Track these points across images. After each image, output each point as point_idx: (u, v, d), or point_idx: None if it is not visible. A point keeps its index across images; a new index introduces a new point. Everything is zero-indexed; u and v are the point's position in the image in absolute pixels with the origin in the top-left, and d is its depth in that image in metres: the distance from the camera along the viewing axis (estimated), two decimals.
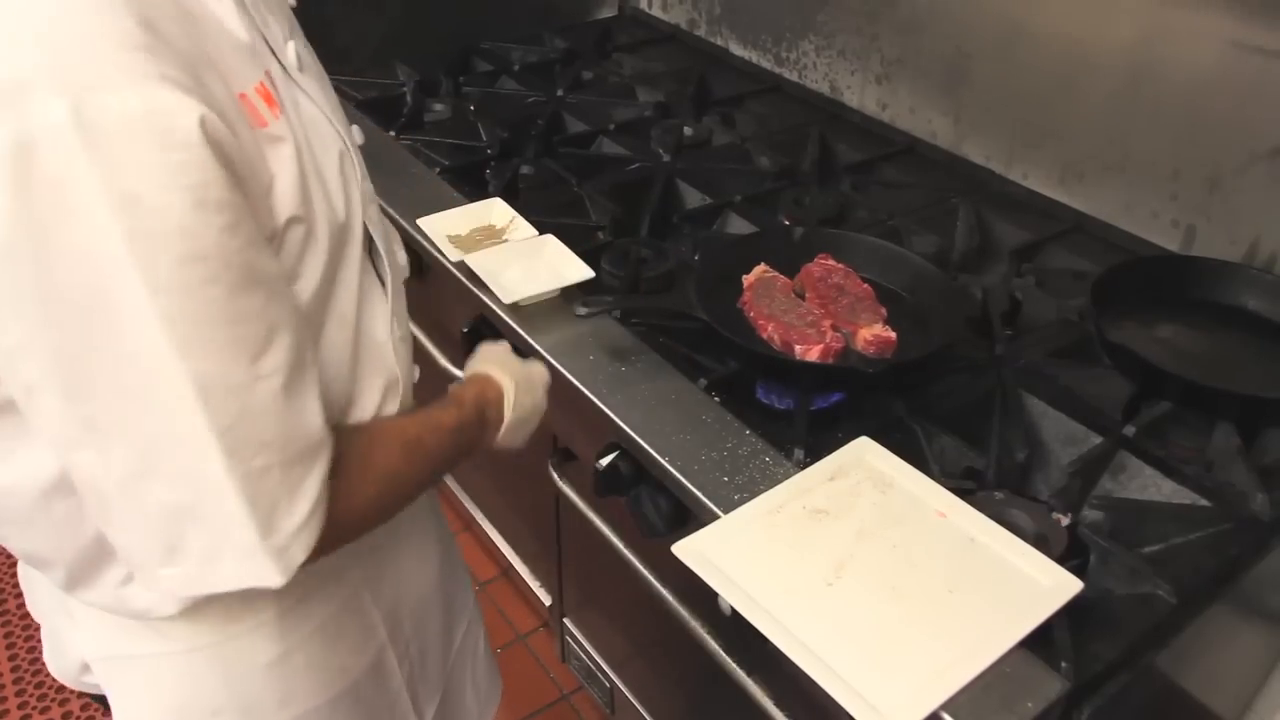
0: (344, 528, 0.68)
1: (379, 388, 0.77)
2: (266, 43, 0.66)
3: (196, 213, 0.53)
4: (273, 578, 0.62)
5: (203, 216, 0.54)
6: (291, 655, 0.80)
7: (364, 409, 0.77)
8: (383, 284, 0.77)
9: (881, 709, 0.74)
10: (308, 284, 0.67)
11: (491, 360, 0.92)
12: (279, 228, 0.62)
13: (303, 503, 0.62)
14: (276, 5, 0.70)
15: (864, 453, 0.98)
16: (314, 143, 0.66)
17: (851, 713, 0.74)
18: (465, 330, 1.26)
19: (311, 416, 0.63)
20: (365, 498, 0.70)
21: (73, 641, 0.87)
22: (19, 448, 0.65)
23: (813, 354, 1.08)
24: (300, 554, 0.63)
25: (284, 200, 0.62)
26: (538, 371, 0.96)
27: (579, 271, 1.21)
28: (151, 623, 0.76)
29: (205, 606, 0.75)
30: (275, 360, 0.59)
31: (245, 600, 0.76)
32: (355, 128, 0.80)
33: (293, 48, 0.68)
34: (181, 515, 0.60)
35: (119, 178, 0.51)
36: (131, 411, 0.56)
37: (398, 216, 1.34)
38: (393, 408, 0.80)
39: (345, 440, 0.69)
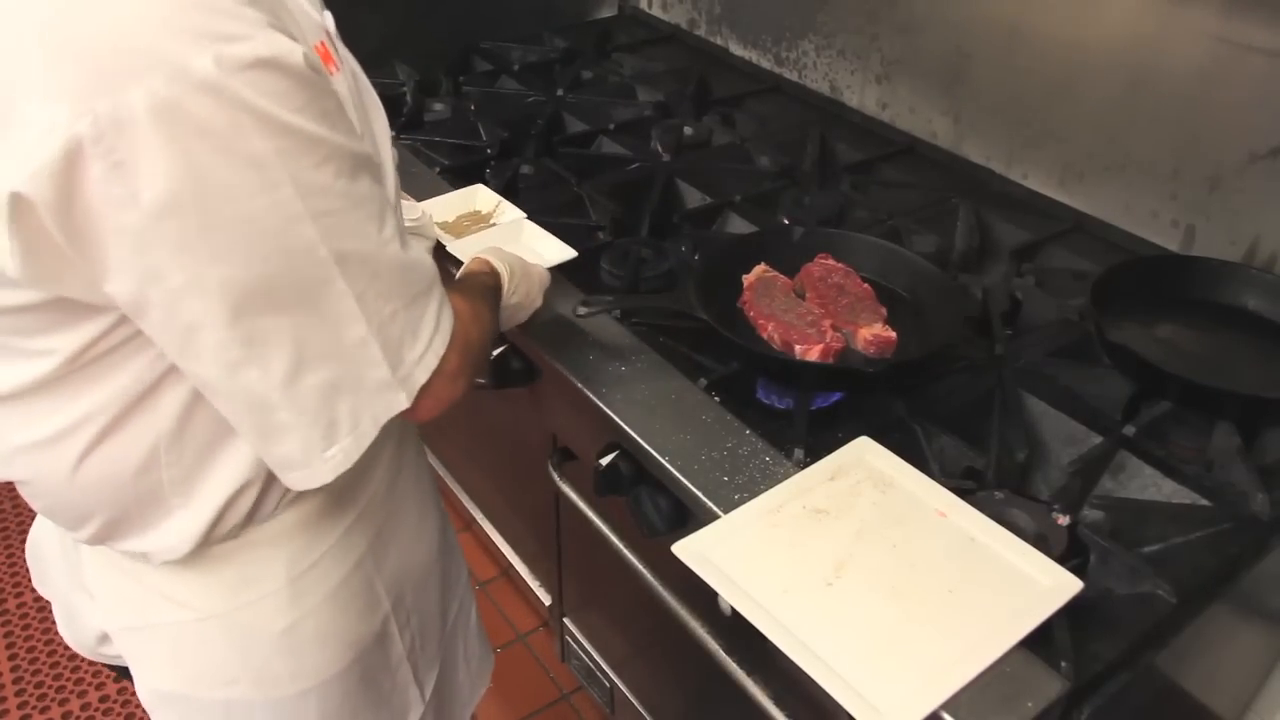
0: (461, 359, 0.76)
1: None
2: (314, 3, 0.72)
3: (320, 123, 0.61)
4: (401, 402, 0.71)
5: (325, 125, 0.62)
6: (302, 624, 0.83)
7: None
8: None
9: (881, 708, 0.74)
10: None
11: (490, 251, 1.01)
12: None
13: (425, 332, 0.72)
14: None
15: (864, 452, 0.98)
16: (366, 100, 0.74)
17: (851, 712, 0.74)
18: None
19: (421, 259, 0.72)
20: (467, 339, 0.78)
21: (90, 615, 0.91)
22: (66, 405, 0.68)
23: (813, 354, 1.08)
24: (422, 376, 0.71)
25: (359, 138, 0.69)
26: (537, 270, 1.05)
27: (560, 252, 1.23)
28: (166, 591, 0.80)
29: (217, 570, 0.80)
30: (390, 227, 0.68)
31: (256, 569, 0.81)
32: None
33: (329, 16, 0.75)
34: (335, 390, 0.67)
35: (263, 108, 0.58)
36: (288, 310, 0.64)
37: None
38: None
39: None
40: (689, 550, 0.88)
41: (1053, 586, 0.83)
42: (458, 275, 0.99)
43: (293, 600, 0.82)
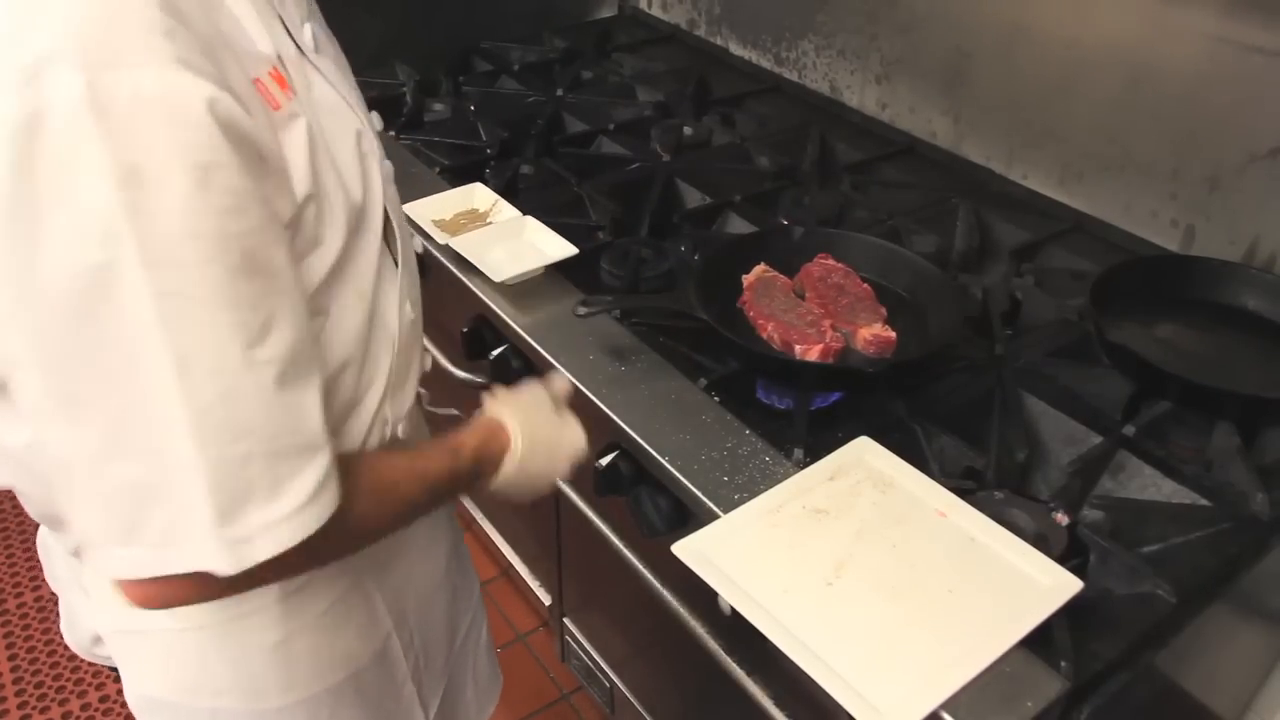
0: (327, 549, 0.67)
1: (386, 369, 0.77)
2: (283, 24, 0.67)
3: (199, 192, 0.54)
4: (222, 565, 0.60)
5: (205, 196, 0.54)
6: (294, 639, 0.81)
7: (375, 391, 0.77)
8: (396, 264, 0.77)
9: (881, 708, 0.74)
10: (324, 260, 0.67)
11: (517, 409, 0.86)
12: (297, 207, 0.63)
13: (286, 500, 0.61)
14: None
15: (864, 452, 0.98)
16: (327, 123, 0.67)
17: (851, 711, 0.74)
18: (465, 330, 1.26)
19: (308, 415, 0.62)
20: (359, 526, 0.70)
21: (86, 613, 0.89)
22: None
23: (813, 354, 1.08)
24: (266, 549, 0.60)
25: (300, 180, 0.62)
26: (570, 438, 0.89)
27: (562, 249, 1.23)
28: None
29: None
30: (271, 351, 0.59)
31: None
32: (374, 114, 0.80)
33: (309, 29, 0.70)
34: (146, 494, 0.58)
35: (126, 152, 0.52)
36: (110, 385, 0.56)
37: None
38: (402, 396, 0.81)
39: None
40: (689, 550, 0.88)
41: (1053, 586, 0.83)
42: (470, 426, 0.83)
43: (285, 616, 0.79)
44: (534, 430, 0.84)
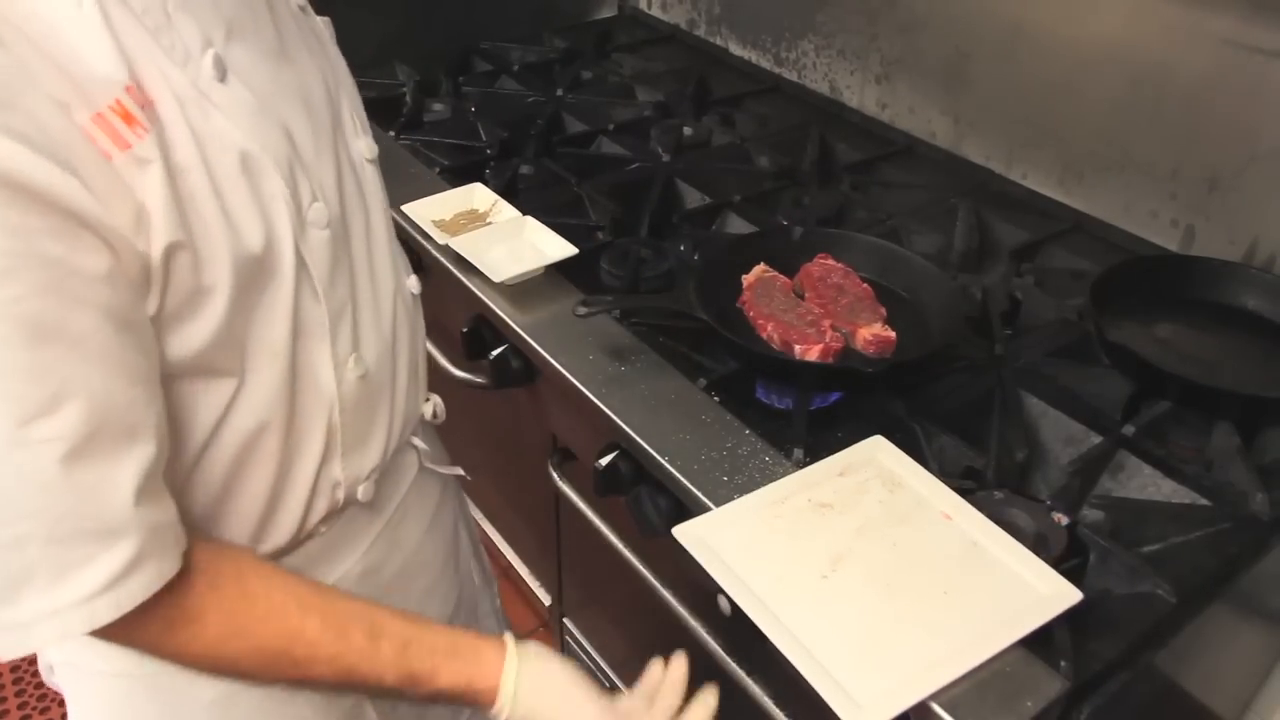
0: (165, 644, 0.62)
1: (322, 432, 0.73)
2: (167, 52, 0.60)
3: None
4: (2, 648, 0.56)
5: None
6: (236, 698, 0.77)
7: (309, 456, 0.72)
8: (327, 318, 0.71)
9: (859, 700, 0.75)
10: (210, 316, 0.61)
11: (526, 654, 0.72)
12: (156, 257, 0.57)
13: (72, 587, 0.55)
14: (208, 5, 0.63)
15: (876, 451, 0.98)
16: (215, 161, 0.60)
17: (828, 700, 0.74)
18: (465, 330, 1.26)
19: (110, 496, 0.56)
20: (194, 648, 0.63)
21: None
22: None
23: (812, 354, 1.08)
24: (48, 636, 0.56)
25: (158, 226, 0.57)
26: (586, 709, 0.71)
27: (562, 249, 1.23)
28: (95, 643, 0.69)
29: None
30: (58, 426, 0.53)
31: None
32: (364, 141, 0.77)
33: (212, 57, 0.61)
34: None
35: None
36: None
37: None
38: (360, 458, 0.76)
39: (229, 569, 0.63)
40: (689, 533, 0.88)
41: (1050, 595, 0.83)
42: (461, 657, 0.71)
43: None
44: (538, 679, 0.71)
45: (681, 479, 0.96)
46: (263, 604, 0.64)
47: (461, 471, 0.99)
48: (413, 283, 0.84)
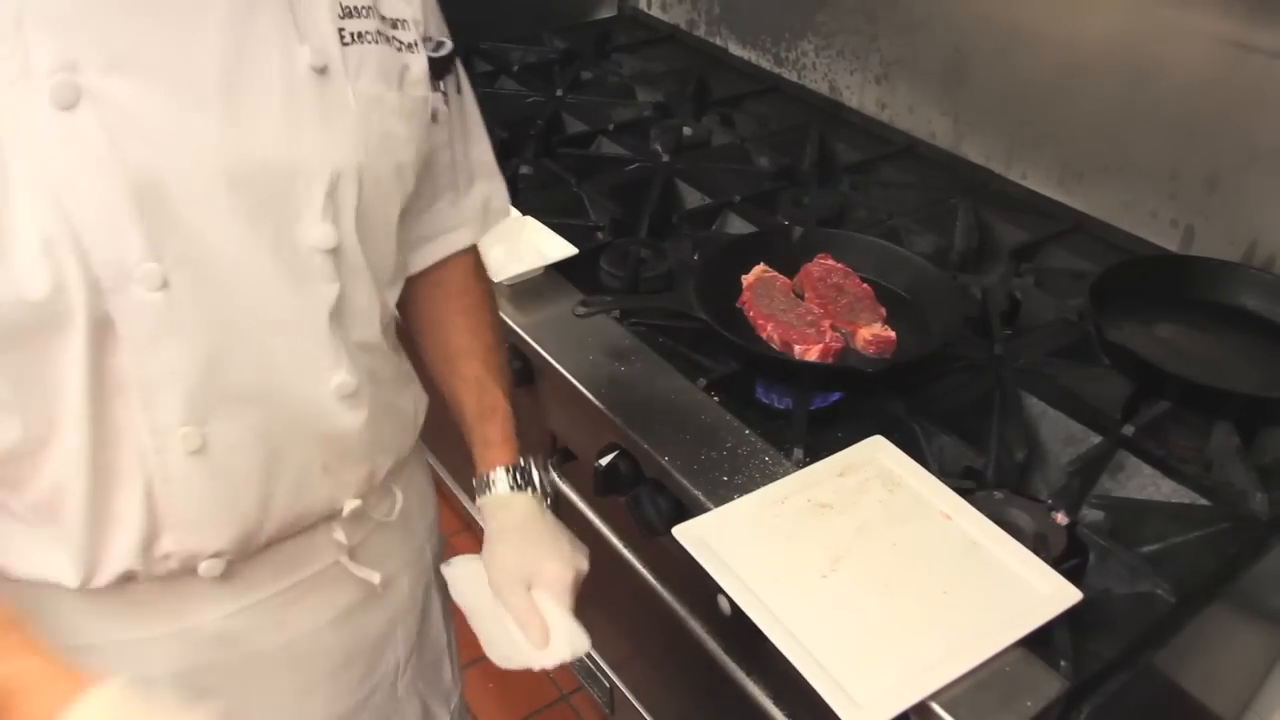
0: None
1: (138, 505, 0.67)
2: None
3: None
4: None
5: None
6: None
7: (124, 529, 0.68)
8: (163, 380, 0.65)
9: (858, 699, 0.75)
10: None
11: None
12: None
13: None
14: (89, 30, 0.58)
15: (876, 451, 0.98)
16: (12, 195, 0.57)
17: (827, 700, 0.75)
18: None
19: None
20: None
21: None
22: None
23: (812, 354, 1.08)
24: None
25: None
26: None
27: (561, 249, 1.23)
28: None
29: None
30: None
31: None
32: (318, 230, 0.68)
33: (59, 81, 0.57)
34: None
35: None
36: None
37: None
38: (200, 536, 0.71)
39: None
40: (689, 533, 0.88)
41: (1050, 595, 0.83)
42: None
43: None
44: None
45: (681, 479, 0.96)
46: None
47: (375, 580, 0.85)
48: (339, 384, 0.73)
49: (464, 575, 0.89)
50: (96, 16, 0.58)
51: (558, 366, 1.10)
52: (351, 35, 0.69)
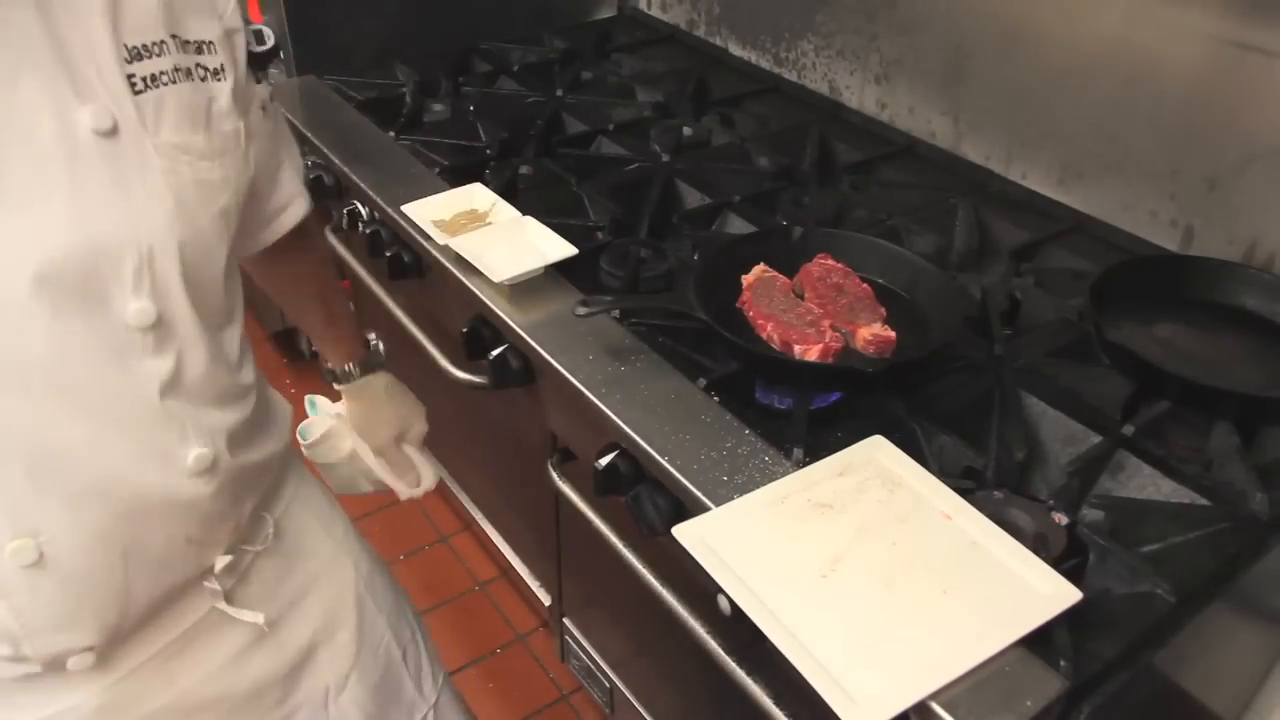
0: None
1: None
2: None
3: None
4: None
5: None
6: None
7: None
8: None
9: (859, 699, 0.75)
10: None
11: None
12: None
13: None
14: None
15: (875, 451, 0.98)
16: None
17: (827, 700, 0.74)
18: (465, 330, 1.26)
19: None
20: None
21: None
22: None
23: (812, 354, 1.08)
24: None
25: None
26: None
27: (561, 249, 1.23)
28: None
29: None
30: None
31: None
32: (135, 305, 0.62)
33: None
34: None
35: None
36: None
37: (386, 206, 1.35)
38: (58, 638, 0.68)
39: None
40: (688, 533, 0.88)
41: (1050, 595, 0.83)
42: None
43: None
44: None
45: (681, 479, 0.96)
46: None
47: (260, 620, 0.82)
48: (194, 458, 0.69)
49: (317, 437, 1.11)
50: None
51: (558, 366, 1.10)
52: (144, 80, 0.61)
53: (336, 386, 1.10)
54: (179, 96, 0.63)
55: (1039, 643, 0.81)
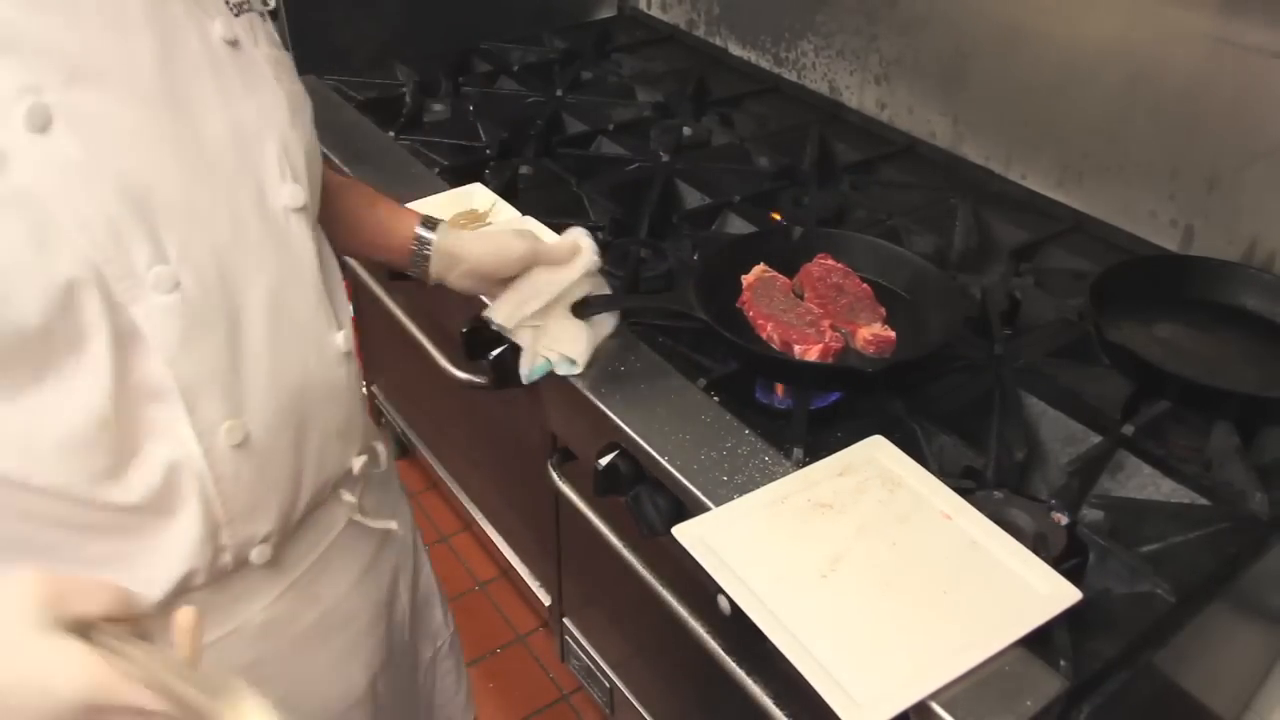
0: None
1: (193, 505, 0.68)
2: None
3: None
4: None
5: None
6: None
7: (178, 533, 0.69)
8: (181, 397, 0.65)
9: (859, 699, 0.75)
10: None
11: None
12: None
13: None
14: (45, 48, 0.58)
15: (875, 451, 0.98)
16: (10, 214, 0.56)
17: (828, 700, 0.75)
18: (465, 330, 1.26)
19: None
20: None
21: None
22: None
23: (812, 354, 1.08)
24: None
25: None
26: (44, 678, 0.50)
27: None
28: None
29: None
30: None
31: None
32: (288, 189, 0.70)
33: (29, 106, 0.57)
34: None
35: None
36: None
37: None
38: (251, 524, 0.72)
39: None
40: (688, 533, 0.88)
41: (1050, 595, 0.83)
42: None
43: None
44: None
45: (681, 479, 0.96)
46: None
47: (394, 526, 0.91)
48: (340, 339, 0.77)
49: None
50: (43, 35, 0.58)
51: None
52: (236, 6, 0.71)
53: (432, 248, 0.96)
54: (260, 22, 0.74)
55: (1039, 643, 0.81)
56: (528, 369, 1.04)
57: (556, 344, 1.03)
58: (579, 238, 1.00)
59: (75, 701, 0.49)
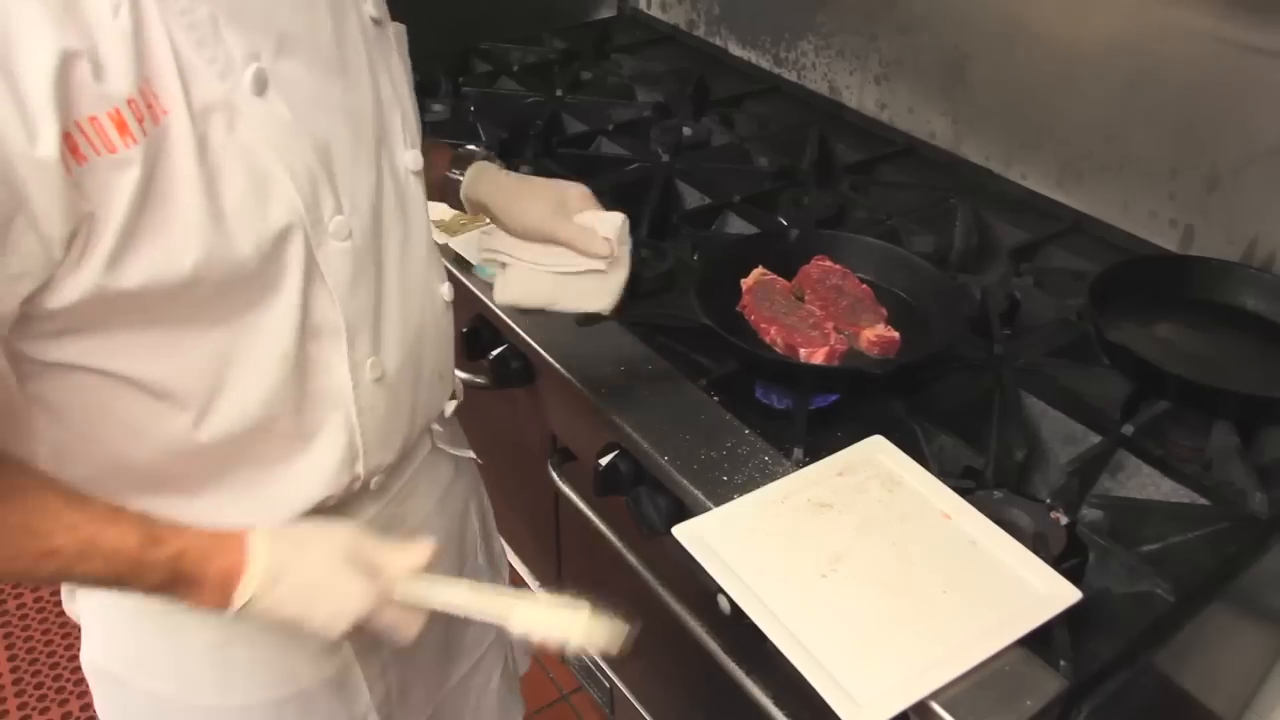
0: None
1: (340, 428, 0.76)
2: (209, 64, 0.62)
3: None
4: None
5: None
6: (232, 645, 0.80)
7: (325, 462, 0.76)
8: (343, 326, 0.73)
9: (859, 699, 0.75)
10: (187, 304, 0.64)
11: (281, 539, 0.72)
12: (109, 249, 0.59)
13: None
14: (263, 19, 0.65)
15: (875, 451, 0.98)
16: (220, 171, 0.62)
17: (827, 700, 0.75)
18: (465, 330, 1.26)
19: None
20: None
21: None
22: None
23: (818, 356, 1.08)
24: None
25: (124, 226, 0.59)
26: (348, 594, 0.72)
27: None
28: None
29: None
30: None
31: None
32: (410, 154, 0.78)
33: (254, 71, 0.63)
34: None
35: None
36: None
37: None
38: (382, 452, 0.80)
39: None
40: (689, 533, 0.88)
41: (1050, 595, 0.83)
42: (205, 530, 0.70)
43: (223, 620, 0.71)
44: (290, 567, 0.70)
45: (681, 479, 0.96)
46: (29, 521, 0.65)
47: (473, 455, 1.02)
48: (445, 290, 0.86)
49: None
50: (259, 8, 0.65)
51: (558, 366, 1.10)
52: None
53: (461, 194, 0.98)
54: None
55: (1039, 642, 0.81)
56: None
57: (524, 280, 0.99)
58: (609, 230, 0.93)
59: (353, 614, 0.72)
